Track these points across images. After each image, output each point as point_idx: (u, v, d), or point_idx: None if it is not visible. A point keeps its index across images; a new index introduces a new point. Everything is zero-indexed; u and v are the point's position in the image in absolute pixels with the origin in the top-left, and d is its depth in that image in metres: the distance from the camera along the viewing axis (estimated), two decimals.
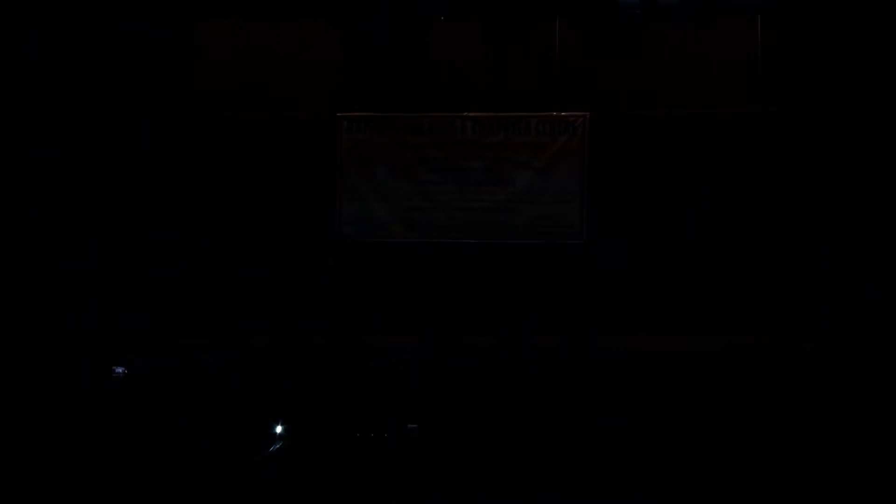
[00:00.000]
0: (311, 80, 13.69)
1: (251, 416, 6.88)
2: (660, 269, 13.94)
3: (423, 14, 13.63)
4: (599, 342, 11.15)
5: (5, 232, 11.28)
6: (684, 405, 8.14)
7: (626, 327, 13.41)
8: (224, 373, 10.05)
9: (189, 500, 3.81)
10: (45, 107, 11.84)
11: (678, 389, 8.92)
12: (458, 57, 13.71)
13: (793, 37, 13.28)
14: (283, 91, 13.66)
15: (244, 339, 11.39)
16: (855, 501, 3.79)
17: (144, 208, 14.00)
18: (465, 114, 13.88)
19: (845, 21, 12.45)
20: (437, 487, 5.83)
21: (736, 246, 13.80)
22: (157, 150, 13.99)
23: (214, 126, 13.99)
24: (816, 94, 13.06)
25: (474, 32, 13.87)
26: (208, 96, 13.69)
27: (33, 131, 11.70)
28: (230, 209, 13.80)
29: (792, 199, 13.52)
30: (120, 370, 6.01)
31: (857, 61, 12.43)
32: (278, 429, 6.07)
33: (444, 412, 8.23)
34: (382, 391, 8.29)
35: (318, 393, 8.48)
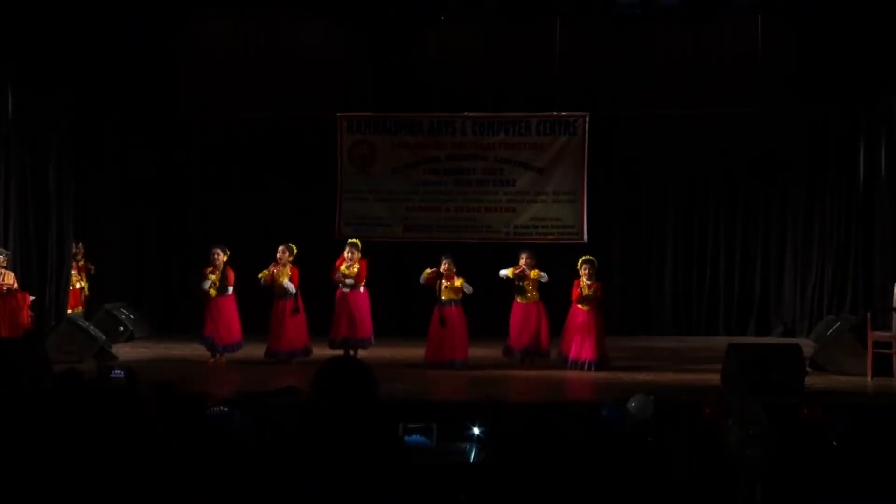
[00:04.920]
0: (311, 80, 13.68)
1: None
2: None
3: (424, 14, 13.60)
4: None
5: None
6: None
7: None
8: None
9: None
10: (46, 109, 11.82)
11: None
12: (458, 57, 13.70)
13: (793, 37, 13.29)
14: (283, 91, 13.64)
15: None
16: None
17: (143, 207, 14.03)
18: (465, 114, 13.88)
19: (844, 21, 12.44)
20: None
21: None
22: (157, 150, 14.00)
23: (214, 126, 14.00)
24: (816, 93, 13.08)
25: (474, 32, 13.87)
26: (209, 96, 13.67)
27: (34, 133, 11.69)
28: (230, 209, 13.80)
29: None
30: (119, 373, 5.98)
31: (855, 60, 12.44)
32: None
33: None
34: None
35: None
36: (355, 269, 10.54)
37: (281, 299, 10.58)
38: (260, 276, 10.57)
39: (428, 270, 10.46)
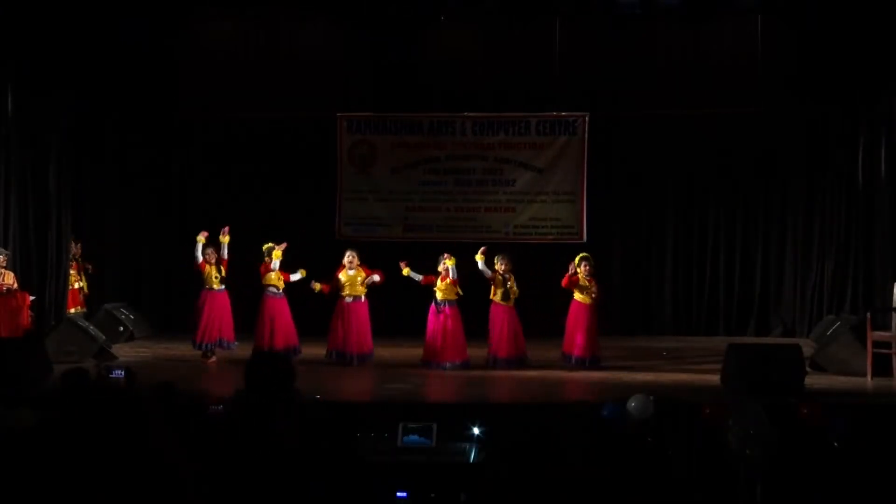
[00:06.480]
0: (311, 80, 13.68)
1: None
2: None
3: (424, 14, 13.60)
4: None
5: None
6: None
7: None
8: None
9: None
10: (46, 109, 11.82)
11: None
12: (458, 57, 13.70)
13: (793, 37, 13.29)
14: (283, 91, 13.64)
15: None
16: None
17: (142, 207, 14.02)
18: (465, 114, 13.88)
19: (844, 21, 12.44)
20: None
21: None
22: (157, 150, 14.00)
23: (214, 126, 13.98)
24: (816, 93, 13.09)
25: (474, 32, 13.87)
26: (209, 96, 13.67)
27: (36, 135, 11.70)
28: (230, 209, 13.79)
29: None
30: (119, 373, 5.99)
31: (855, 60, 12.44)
32: None
33: None
34: None
35: None
36: (363, 275, 10.53)
37: (274, 298, 10.60)
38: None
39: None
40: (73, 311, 12.28)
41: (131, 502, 3.62)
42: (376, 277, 10.58)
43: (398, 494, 5.85)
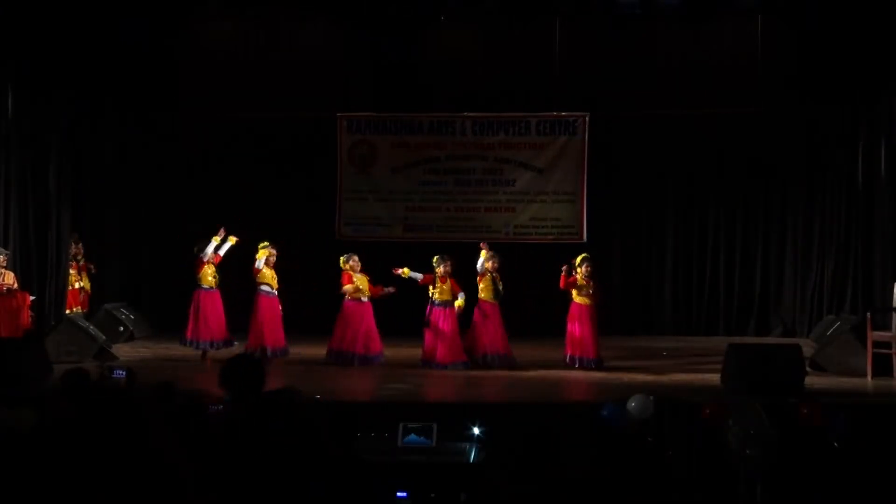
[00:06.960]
0: (311, 80, 13.68)
1: None
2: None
3: (424, 14, 13.61)
4: None
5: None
6: None
7: None
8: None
9: None
10: (46, 109, 11.81)
11: None
12: (458, 57, 13.71)
13: (793, 37, 13.29)
14: (283, 91, 13.65)
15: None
16: None
17: (142, 207, 14.02)
18: (465, 114, 13.88)
19: (844, 21, 12.44)
20: None
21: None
22: (157, 150, 14.00)
23: (214, 126, 13.97)
24: (816, 93, 13.09)
25: (474, 32, 13.87)
26: (209, 96, 13.66)
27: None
28: (230, 209, 13.79)
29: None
30: (121, 373, 5.98)
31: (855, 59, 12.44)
32: None
33: None
34: None
35: None
36: (366, 279, 10.54)
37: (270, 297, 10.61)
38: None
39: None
40: (73, 310, 12.27)
41: (131, 502, 3.62)
42: (391, 289, 10.60)
43: (398, 494, 5.85)
